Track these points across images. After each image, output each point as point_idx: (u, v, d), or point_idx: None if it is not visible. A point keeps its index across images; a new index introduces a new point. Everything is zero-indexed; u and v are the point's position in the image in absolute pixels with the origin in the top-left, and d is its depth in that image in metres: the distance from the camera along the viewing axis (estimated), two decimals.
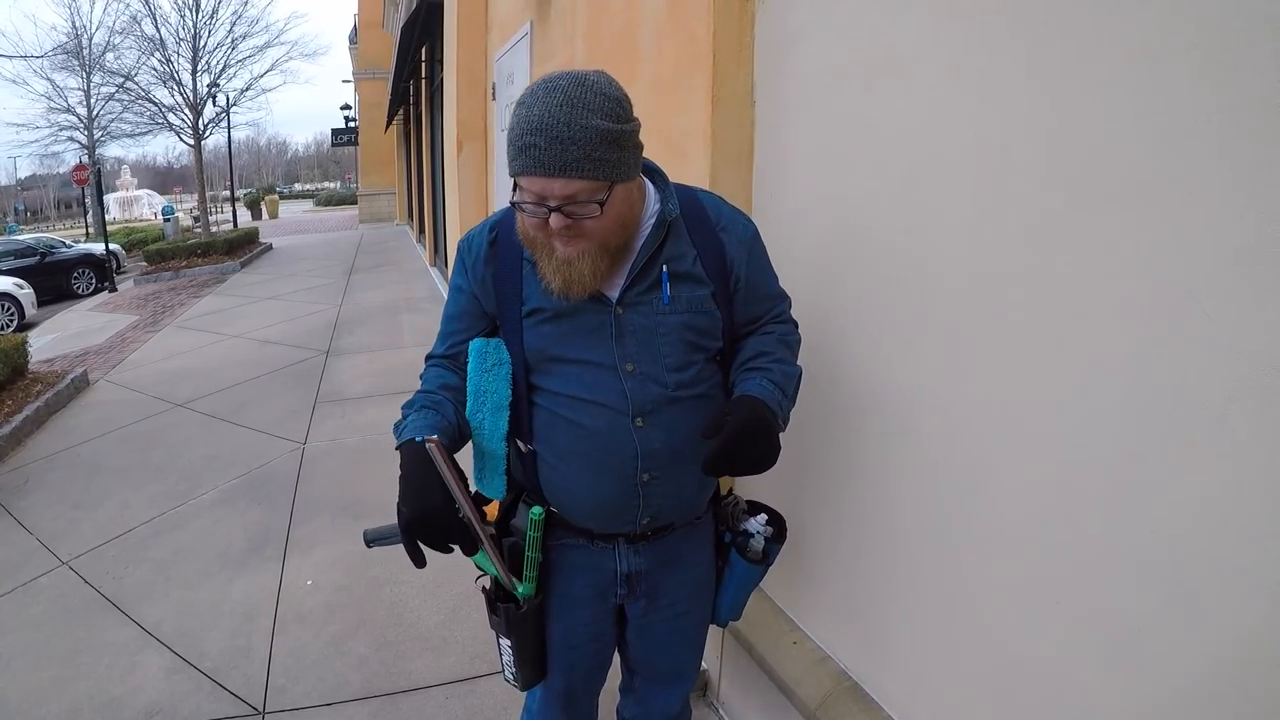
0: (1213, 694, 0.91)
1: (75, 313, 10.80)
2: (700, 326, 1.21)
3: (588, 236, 1.09)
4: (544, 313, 1.18)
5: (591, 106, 1.02)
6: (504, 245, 1.22)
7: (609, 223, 1.09)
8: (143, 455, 4.42)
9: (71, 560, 3.22)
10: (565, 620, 1.35)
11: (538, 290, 1.17)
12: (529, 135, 1.02)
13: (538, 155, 1.02)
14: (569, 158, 1.01)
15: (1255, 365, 0.84)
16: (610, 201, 1.07)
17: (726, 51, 1.80)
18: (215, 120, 18.34)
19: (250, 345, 7.11)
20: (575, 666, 1.41)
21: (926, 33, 1.31)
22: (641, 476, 1.20)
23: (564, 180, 1.03)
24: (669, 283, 1.18)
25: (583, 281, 1.11)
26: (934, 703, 1.41)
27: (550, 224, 1.06)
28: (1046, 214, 1.09)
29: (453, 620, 2.65)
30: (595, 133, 1.01)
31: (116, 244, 16.49)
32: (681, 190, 1.25)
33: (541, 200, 1.05)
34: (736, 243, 1.25)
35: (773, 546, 1.38)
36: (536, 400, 1.23)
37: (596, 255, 1.11)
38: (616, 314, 1.17)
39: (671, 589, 1.36)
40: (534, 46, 3.58)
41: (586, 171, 1.03)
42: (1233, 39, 0.85)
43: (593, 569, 1.31)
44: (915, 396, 1.39)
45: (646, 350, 1.18)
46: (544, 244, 1.11)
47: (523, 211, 1.10)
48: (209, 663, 2.48)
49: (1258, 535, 0.85)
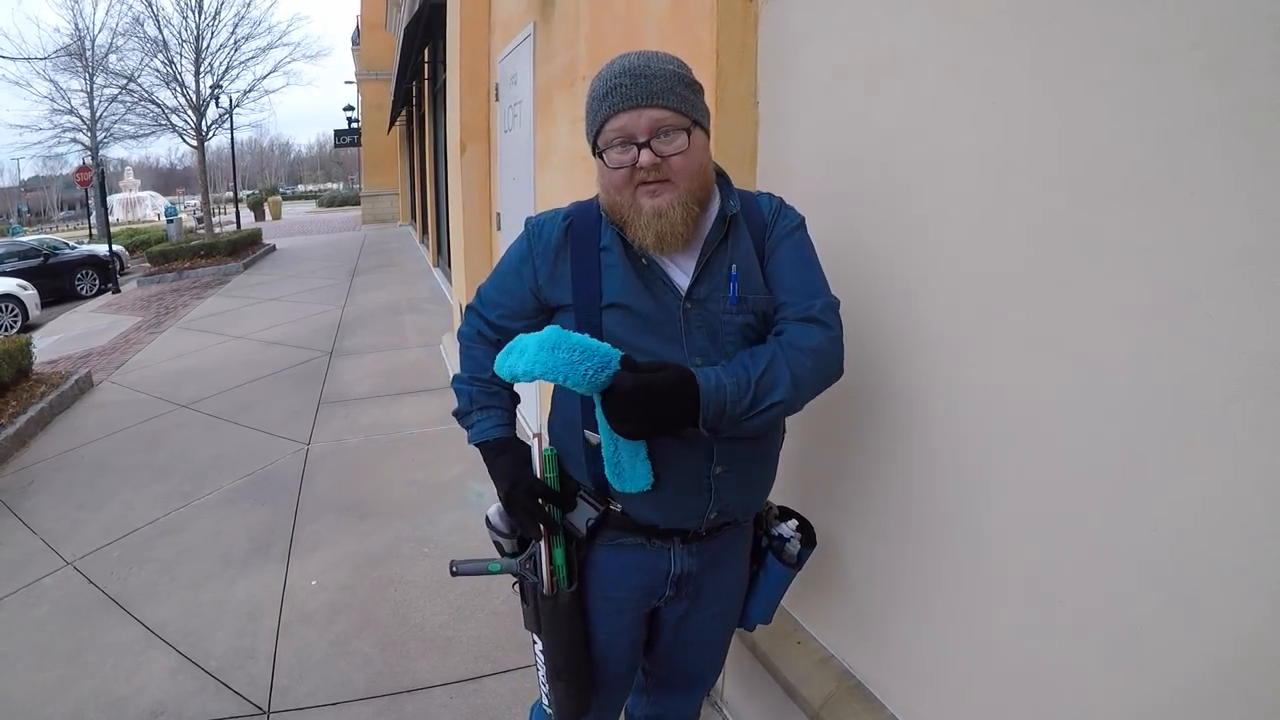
0: (1214, 694, 0.92)
1: (79, 314, 10.83)
2: (762, 330, 1.22)
3: (674, 181, 1.13)
4: (621, 307, 1.19)
5: (663, 58, 1.15)
6: (579, 236, 1.23)
7: (694, 165, 1.14)
8: (147, 456, 4.44)
9: (76, 560, 3.23)
10: (607, 626, 1.33)
11: (616, 283, 1.19)
12: (614, 79, 1.13)
13: (624, 92, 1.11)
14: (654, 88, 1.11)
15: (1256, 365, 0.84)
16: (693, 141, 1.13)
17: (729, 54, 1.80)
18: (218, 121, 18.31)
19: (254, 346, 7.13)
20: (613, 680, 1.39)
21: (929, 33, 1.31)
22: (715, 469, 1.20)
23: (652, 110, 1.11)
24: (737, 283, 1.20)
25: (675, 231, 1.14)
26: (937, 703, 1.41)
27: (640, 162, 1.11)
28: (1048, 214, 1.09)
29: (458, 620, 2.65)
30: (673, 74, 1.14)
31: (120, 245, 16.53)
32: (744, 194, 1.28)
33: (630, 138, 1.12)
34: (778, 230, 1.27)
35: (804, 551, 1.39)
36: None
37: (686, 203, 1.14)
38: (685, 309, 1.18)
39: (711, 590, 1.35)
40: (536, 48, 3.58)
41: (671, 101, 1.12)
42: (1234, 40, 0.85)
43: (646, 570, 1.29)
44: (917, 396, 1.40)
45: (713, 347, 1.19)
46: (630, 203, 1.14)
47: (609, 166, 1.14)
48: (214, 662, 2.49)
49: (1259, 535, 0.86)
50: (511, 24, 4.18)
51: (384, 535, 3.27)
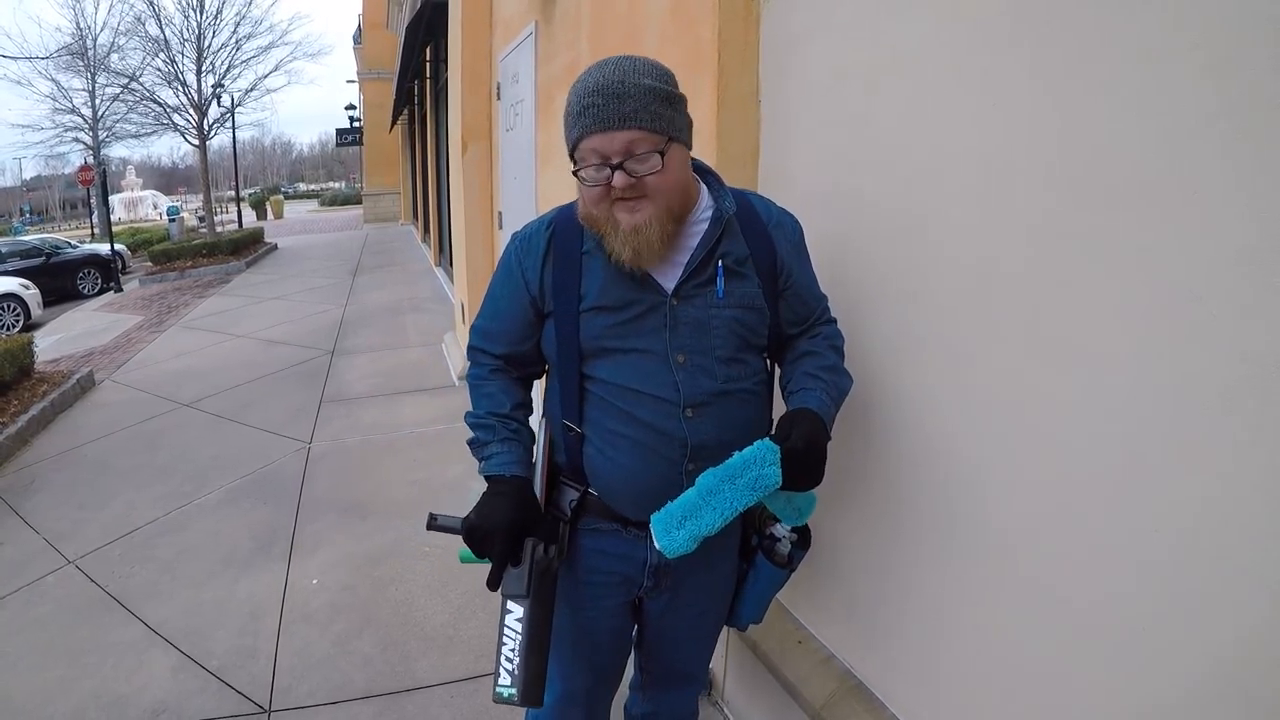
0: (1214, 694, 0.92)
1: (81, 313, 10.85)
2: (750, 322, 1.23)
3: (650, 199, 1.11)
4: (601, 308, 1.19)
5: (641, 70, 1.11)
6: (561, 240, 1.23)
7: (670, 181, 1.13)
8: (148, 455, 4.45)
9: (78, 560, 3.24)
10: (587, 611, 1.34)
11: (596, 285, 1.19)
12: (587, 97, 1.09)
13: (596, 113, 1.08)
14: (626, 110, 1.08)
15: (1257, 365, 0.84)
16: (669, 158, 1.11)
17: (731, 53, 1.80)
18: (220, 121, 18.36)
19: (256, 345, 7.14)
20: (599, 668, 1.40)
21: (930, 33, 1.31)
22: (688, 466, 1.20)
23: (624, 133, 1.08)
24: (724, 277, 1.20)
25: (652, 248, 1.13)
26: (938, 703, 1.41)
27: (614, 184, 1.09)
28: (1048, 214, 1.09)
29: (459, 619, 2.65)
30: (648, 90, 1.09)
31: (121, 244, 16.56)
32: (736, 193, 1.28)
33: (605, 160, 1.09)
34: (786, 241, 1.29)
35: (798, 552, 1.38)
36: (589, 388, 1.23)
37: (663, 220, 1.13)
38: (671, 305, 1.19)
39: (695, 586, 1.36)
40: (538, 47, 3.58)
41: (644, 122, 1.09)
42: (1234, 40, 0.85)
43: (623, 557, 1.31)
44: (919, 396, 1.40)
45: (699, 342, 1.19)
46: (607, 218, 1.13)
47: (584, 183, 1.13)
48: (215, 661, 2.50)
49: (1259, 535, 0.86)
50: (513, 23, 4.19)
51: (385, 535, 3.28)
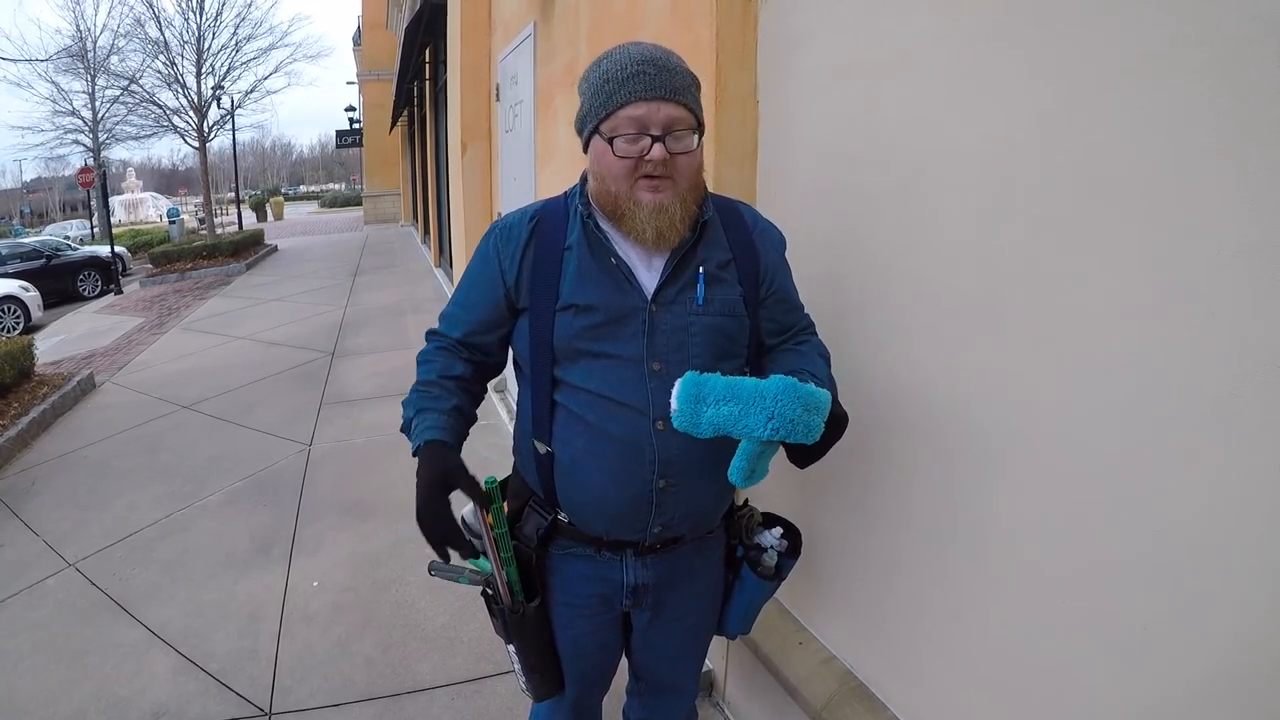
0: (1215, 694, 0.91)
1: (81, 315, 10.85)
2: (730, 331, 1.20)
3: (675, 180, 1.11)
4: (579, 307, 1.16)
5: (675, 54, 1.12)
6: (544, 235, 1.21)
7: (695, 166, 1.14)
8: (149, 457, 4.44)
9: (78, 562, 3.24)
10: (571, 629, 1.33)
11: (575, 284, 1.16)
12: (636, 64, 1.08)
13: (648, 80, 1.07)
14: (677, 83, 1.09)
15: (1259, 363, 0.84)
16: (699, 144, 1.12)
17: (729, 52, 1.80)
18: (220, 122, 18.35)
19: (256, 347, 7.13)
20: (585, 676, 1.39)
21: (930, 32, 1.31)
22: (658, 483, 1.17)
23: (672, 105, 1.08)
24: (704, 283, 1.17)
25: (674, 228, 1.12)
26: (939, 703, 1.40)
27: (651, 155, 1.08)
28: (1050, 212, 1.09)
29: (459, 620, 2.65)
30: (688, 72, 1.12)
31: (122, 246, 16.56)
32: (719, 199, 1.27)
33: (644, 129, 1.08)
34: (771, 250, 1.27)
35: (786, 561, 1.36)
36: (558, 398, 1.20)
37: (686, 201, 1.13)
38: (650, 311, 1.15)
39: (678, 602, 1.34)
40: (537, 47, 3.58)
41: (690, 100, 1.10)
42: (1234, 40, 0.85)
43: (599, 579, 1.28)
44: (919, 396, 1.39)
45: (676, 351, 1.16)
46: (628, 195, 1.11)
47: (614, 153, 1.10)
48: (215, 664, 2.49)
49: (1261, 534, 0.85)
50: (512, 23, 4.19)
51: (386, 536, 3.27)
